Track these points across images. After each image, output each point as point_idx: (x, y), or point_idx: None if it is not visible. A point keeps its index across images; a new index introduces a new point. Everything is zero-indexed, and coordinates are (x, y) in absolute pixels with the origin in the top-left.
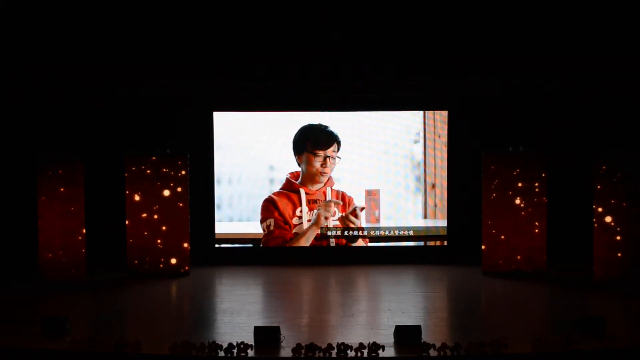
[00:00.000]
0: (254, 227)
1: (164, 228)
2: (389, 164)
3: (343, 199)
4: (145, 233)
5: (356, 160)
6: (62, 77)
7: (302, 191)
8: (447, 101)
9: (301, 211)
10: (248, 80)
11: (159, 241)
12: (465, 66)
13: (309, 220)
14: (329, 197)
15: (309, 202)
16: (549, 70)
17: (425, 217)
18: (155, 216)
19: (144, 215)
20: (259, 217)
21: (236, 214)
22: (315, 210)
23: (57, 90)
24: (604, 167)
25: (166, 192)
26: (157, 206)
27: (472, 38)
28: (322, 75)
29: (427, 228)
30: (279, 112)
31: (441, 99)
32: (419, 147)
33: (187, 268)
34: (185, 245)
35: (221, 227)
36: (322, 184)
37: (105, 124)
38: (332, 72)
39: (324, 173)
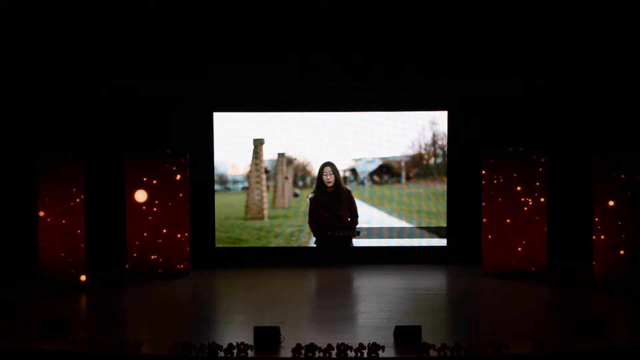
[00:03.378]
0: None
1: (164, 228)
2: (389, 162)
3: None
4: (145, 233)
5: (355, 158)
6: (63, 77)
7: None
8: (447, 101)
9: None
10: (248, 81)
11: (159, 241)
12: (465, 67)
13: None
14: None
15: None
16: (549, 71)
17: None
18: (156, 216)
19: (144, 215)
20: None
21: None
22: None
23: (57, 90)
24: (604, 167)
25: (166, 193)
26: (157, 206)
27: (473, 39)
28: (322, 76)
29: (427, 228)
30: (279, 113)
31: (441, 99)
32: (419, 146)
33: (187, 268)
34: (186, 245)
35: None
36: None
37: (105, 124)
38: (332, 72)
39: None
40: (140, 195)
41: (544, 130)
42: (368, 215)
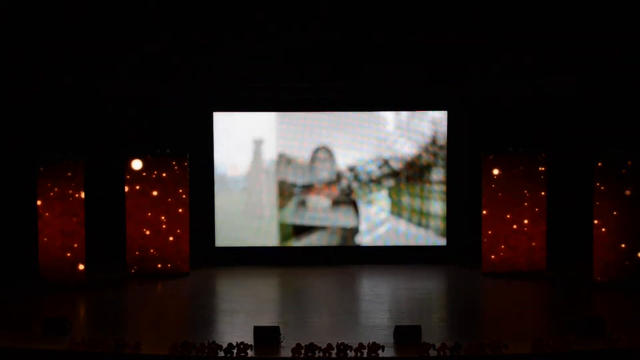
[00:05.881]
0: None
1: (164, 228)
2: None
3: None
4: (146, 233)
5: (355, 158)
6: (63, 78)
7: None
8: (447, 101)
9: None
10: (248, 81)
11: (159, 241)
12: (465, 67)
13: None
14: None
15: None
16: (549, 71)
17: None
18: (156, 216)
19: (144, 215)
20: None
21: None
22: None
23: (57, 90)
24: (604, 167)
25: (166, 192)
26: (157, 206)
27: (472, 39)
28: (322, 76)
29: (427, 228)
30: (279, 113)
31: (441, 99)
32: (420, 148)
33: (187, 267)
34: (186, 245)
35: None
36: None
37: (105, 124)
38: (331, 72)
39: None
40: (136, 164)
41: (544, 130)
42: (368, 215)
